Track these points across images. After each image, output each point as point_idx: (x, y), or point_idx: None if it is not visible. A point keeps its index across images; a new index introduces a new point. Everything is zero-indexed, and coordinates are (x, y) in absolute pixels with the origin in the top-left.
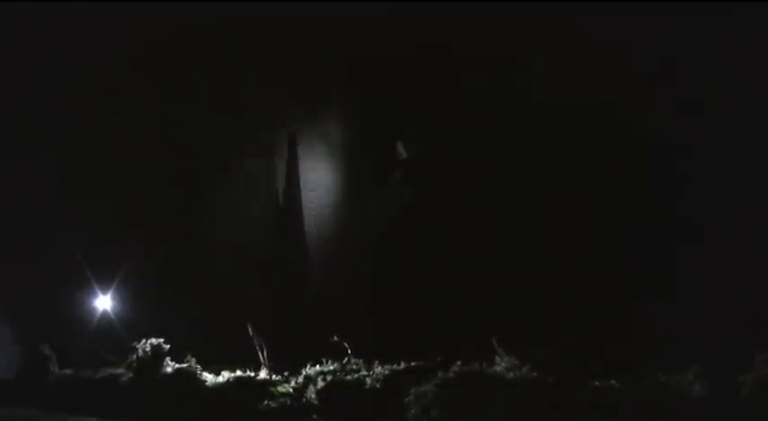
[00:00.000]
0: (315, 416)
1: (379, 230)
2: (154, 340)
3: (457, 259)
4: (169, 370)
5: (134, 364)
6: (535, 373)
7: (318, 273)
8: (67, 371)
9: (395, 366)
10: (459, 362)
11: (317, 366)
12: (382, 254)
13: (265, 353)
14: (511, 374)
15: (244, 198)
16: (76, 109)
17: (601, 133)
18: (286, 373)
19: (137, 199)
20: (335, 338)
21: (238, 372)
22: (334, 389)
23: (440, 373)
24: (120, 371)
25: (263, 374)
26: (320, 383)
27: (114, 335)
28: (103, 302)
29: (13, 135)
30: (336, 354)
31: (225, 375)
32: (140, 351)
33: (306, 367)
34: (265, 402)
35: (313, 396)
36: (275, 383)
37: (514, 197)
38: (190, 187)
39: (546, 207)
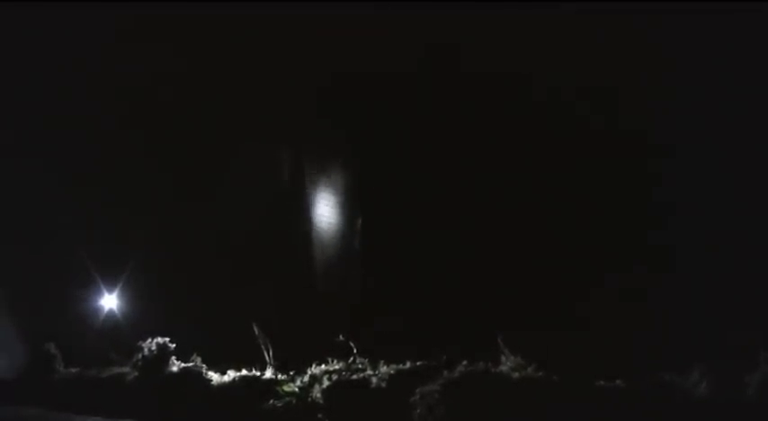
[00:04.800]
0: (320, 416)
1: (385, 231)
2: (159, 339)
3: (463, 260)
4: (175, 369)
5: (139, 363)
6: (540, 373)
7: (325, 273)
8: (73, 370)
9: (400, 366)
10: (464, 362)
11: (323, 365)
12: (388, 254)
13: (271, 353)
14: (516, 374)
15: (251, 198)
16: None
17: (605, 134)
18: (292, 372)
19: (144, 199)
20: (341, 338)
21: (244, 371)
22: (340, 388)
23: (445, 373)
24: (126, 370)
25: (268, 373)
26: (326, 382)
27: (120, 334)
28: (109, 301)
29: (18, 134)
30: (342, 354)
31: (230, 374)
32: (146, 350)
33: (311, 366)
34: (271, 401)
35: (318, 395)
36: (281, 382)
37: (521, 199)
38: (196, 186)
39: (552, 208)
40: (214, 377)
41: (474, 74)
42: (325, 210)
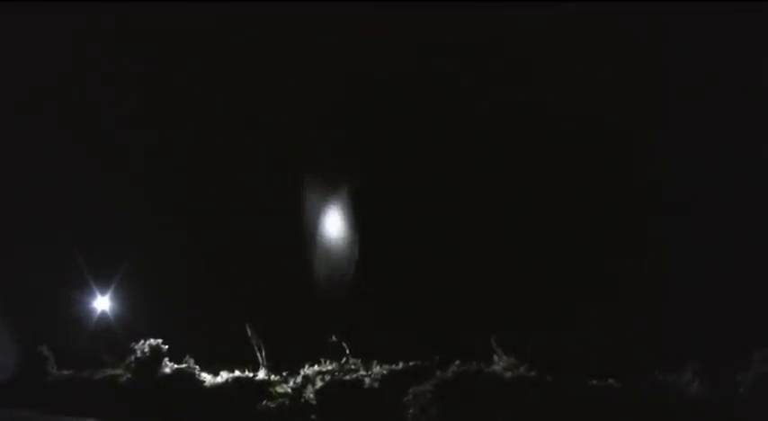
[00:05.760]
0: (313, 417)
1: (379, 233)
2: (152, 341)
3: (455, 260)
4: (168, 370)
5: (133, 365)
6: (533, 373)
7: (318, 274)
8: (66, 372)
9: (393, 366)
10: (457, 362)
11: (316, 366)
12: (381, 256)
13: (264, 354)
14: (509, 374)
15: (245, 201)
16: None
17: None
18: (285, 373)
19: (138, 202)
20: (334, 338)
21: (237, 373)
22: (333, 389)
23: (438, 373)
24: (119, 371)
25: (261, 374)
26: (319, 383)
27: (113, 336)
28: (102, 303)
29: (16, 135)
30: (335, 354)
31: (223, 375)
32: (139, 351)
33: (304, 367)
34: (264, 402)
35: (311, 396)
36: (274, 383)
37: (512, 200)
38: (190, 189)
39: (544, 208)
40: (207, 378)
41: (476, 77)
42: (320, 212)
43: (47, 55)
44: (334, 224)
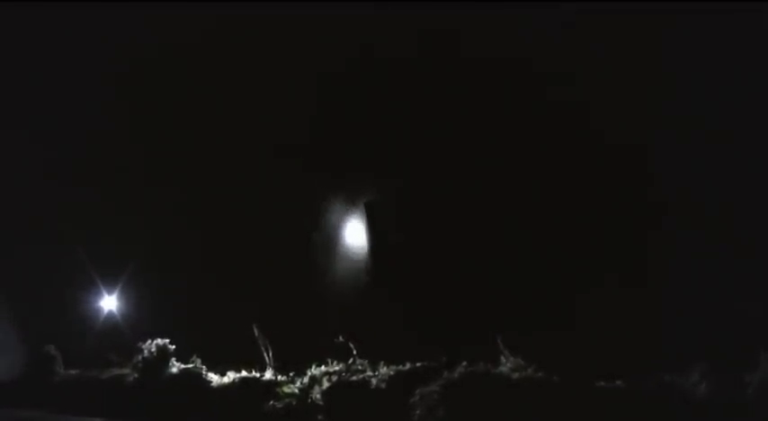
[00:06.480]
0: (320, 417)
1: (385, 234)
2: (159, 341)
3: (461, 260)
4: (175, 370)
5: (140, 365)
6: (540, 374)
7: (325, 275)
8: (73, 372)
9: (400, 367)
10: (464, 363)
11: (323, 367)
12: (389, 256)
13: (271, 354)
14: (516, 375)
15: (251, 201)
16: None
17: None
18: (291, 374)
19: (145, 201)
20: (341, 339)
21: (244, 373)
22: (340, 389)
23: (445, 374)
24: (126, 371)
25: (268, 375)
26: (326, 384)
27: (120, 336)
28: (109, 303)
29: (19, 134)
30: (342, 355)
31: (230, 376)
32: (146, 351)
33: (311, 367)
34: (271, 403)
35: (318, 396)
36: (281, 384)
37: (519, 201)
38: (197, 189)
39: (551, 209)
40: (214, 378)
41: (483, 83)
42: (327, 213)
43: (47, 53)
44: (342, 224)
